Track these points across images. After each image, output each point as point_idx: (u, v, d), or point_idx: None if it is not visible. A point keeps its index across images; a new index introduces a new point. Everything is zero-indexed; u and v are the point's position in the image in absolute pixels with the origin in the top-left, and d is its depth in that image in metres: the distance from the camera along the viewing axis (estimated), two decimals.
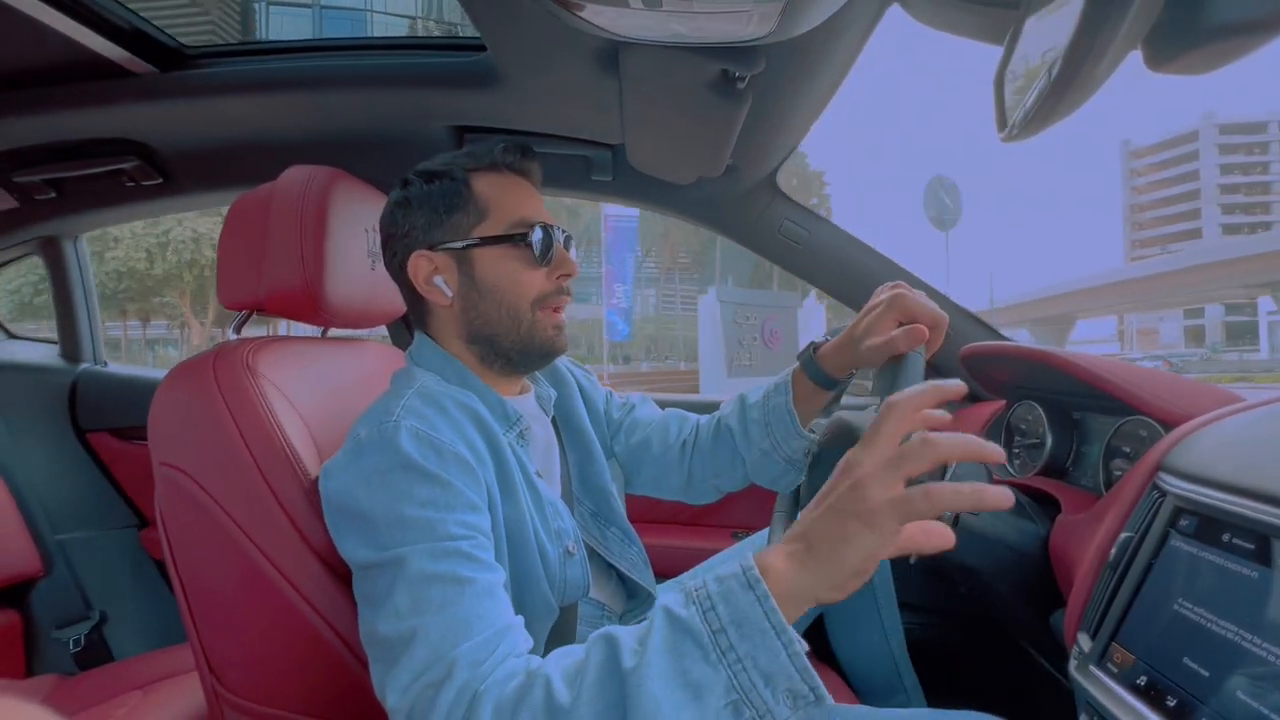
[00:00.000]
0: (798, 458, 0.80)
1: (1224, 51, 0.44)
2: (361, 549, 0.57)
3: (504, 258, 0.70)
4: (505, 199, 0.71)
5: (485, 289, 0.70)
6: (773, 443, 0.80)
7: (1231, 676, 0.45)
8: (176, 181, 1.26)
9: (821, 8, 0.57)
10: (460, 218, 0.70)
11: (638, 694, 0.41)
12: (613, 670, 0.44)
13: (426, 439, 0.59)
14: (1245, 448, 0.57)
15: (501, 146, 0.72)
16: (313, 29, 22.32)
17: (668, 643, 0.43)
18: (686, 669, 0.42)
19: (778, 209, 1.22)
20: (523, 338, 0.71)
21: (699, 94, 0.79)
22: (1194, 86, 24.80)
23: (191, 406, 0.71)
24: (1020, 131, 0.51)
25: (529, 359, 0.73)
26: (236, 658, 0.72)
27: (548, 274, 0.71)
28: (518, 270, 0.70)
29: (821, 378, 0.78)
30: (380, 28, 25.74)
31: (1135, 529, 0.59)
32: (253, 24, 20.14)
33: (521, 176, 0.74)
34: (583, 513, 0.81)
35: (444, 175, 0.71)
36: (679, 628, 0.43)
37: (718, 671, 0.41)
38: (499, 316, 0.70)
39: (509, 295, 0.70)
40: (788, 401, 0.79)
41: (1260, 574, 0.47)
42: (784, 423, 0.79)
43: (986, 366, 1.07)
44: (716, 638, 0.42)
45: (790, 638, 0.42)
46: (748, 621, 0.42)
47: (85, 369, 1.53)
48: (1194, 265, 26.27)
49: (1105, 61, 0.40)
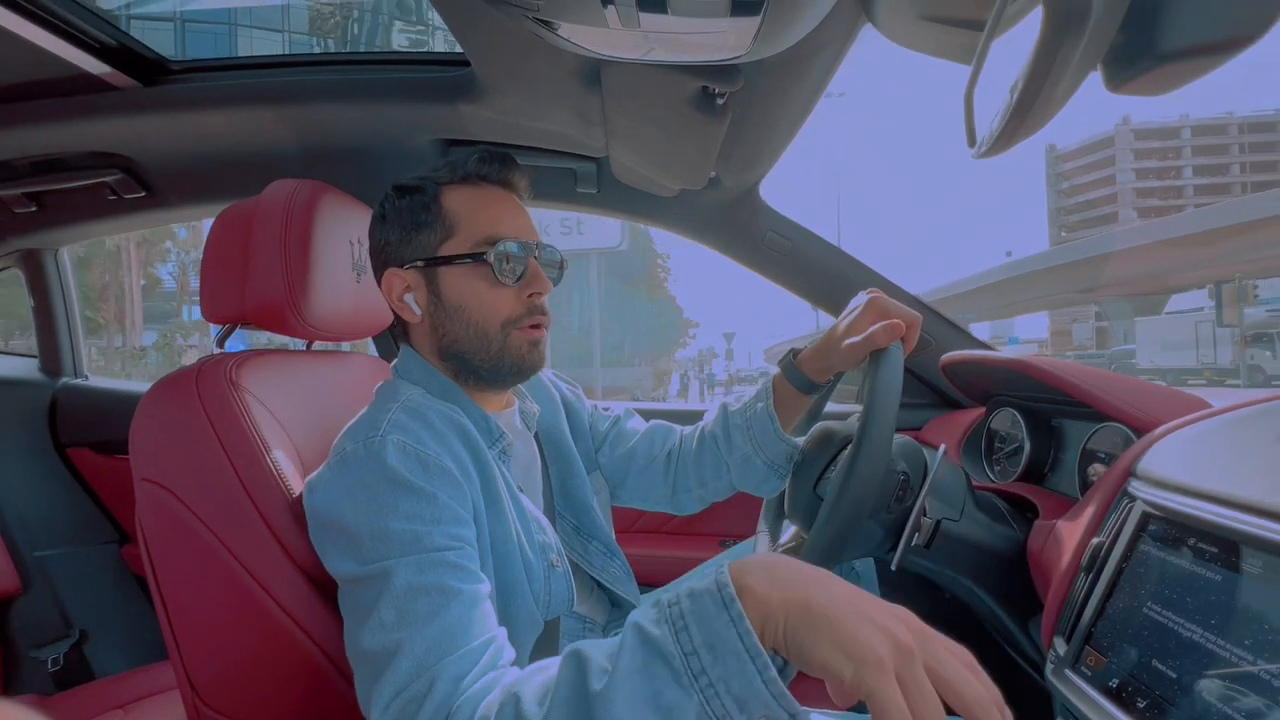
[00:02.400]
0: (779, 462, 0.81)
1: (1179, 73, 0.46)
2: (347, 563, 0.57)
3: (469, 277, 0.68)
4: (475, 214, 0.69)
5: (451, 309, 0.69)
6: (755, 447, 0.80)
7: (1199, 678, 0.47)
8: (160, 195, 1.26)
9: (795, 28, 0.59)
10: (427, 235, 0.69)
11: (605, 718, 0.40)
12: (581, 692, 0.42)
13: (413, 453, 0.59)
14: (1210, 454, 0.58)
15: (477, 157, 0.70)
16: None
17: (638, 663, 0.41)
18: (658, 691, 0.40)
19: (761, 220, 1.24)
20: (493, 357, 0.69)
21: (680, 109, 0.80)
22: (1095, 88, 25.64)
23: (174, 421, 0.70)
24: (989, 149, 0.52)
25: (501, 377, 0.71)
26: (219, 674, 0.72)
27: (517, 293, 0.69)
28: (483, 290, 0.68)
29: (802, 381, 0.79)
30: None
31: (1107, 534, 0.61)
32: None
33: (502, 188, 0.72)
34: (565, 527, 0.81)
35: (415, 190, 0.70)
36: (651, 649, 0.42)
37: (690, 696, 0.40)
38: (468, 336, 0.69)
39: (475, 316, 0.68)
40: (768, 406, 0.80)
41: (1224, 578, 0.48)
42: (765, 427, 0.80)
43: (967, 374, 1.09)
44: (689, 661, 0.40)
45: (765, 662, 0.40)
46: (722, 644, 0.40)
47: (65, 383, 1.51)
48: (1024, 274, 26.89)
49: (1064, 83, 0.42)
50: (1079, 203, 73.02)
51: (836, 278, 1.25)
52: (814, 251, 1.26)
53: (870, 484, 0.64)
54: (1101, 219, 67.13)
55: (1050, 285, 27.42)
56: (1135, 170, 68.33)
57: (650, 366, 23.07)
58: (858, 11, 0.65)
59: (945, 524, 0.77)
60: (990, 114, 0.51)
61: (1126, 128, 68.75)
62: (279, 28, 18.90)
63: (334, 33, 18.77)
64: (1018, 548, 0.81)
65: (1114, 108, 72.89)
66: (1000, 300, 29.91)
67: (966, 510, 0.80)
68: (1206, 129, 68.41)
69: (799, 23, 0.58)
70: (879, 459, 0.64)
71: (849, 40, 0.72)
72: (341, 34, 19.19)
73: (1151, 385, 0.82)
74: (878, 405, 0.65)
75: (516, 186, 0.74)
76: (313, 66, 1.06)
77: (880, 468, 0.64)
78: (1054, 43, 0.38)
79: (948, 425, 1.17)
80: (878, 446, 0.64)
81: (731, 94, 0.77)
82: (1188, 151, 68.01)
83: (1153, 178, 68.25)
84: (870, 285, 0.83)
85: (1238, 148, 67.42)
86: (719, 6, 0.54)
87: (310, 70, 1.05)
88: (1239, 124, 67.51)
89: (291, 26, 19.03)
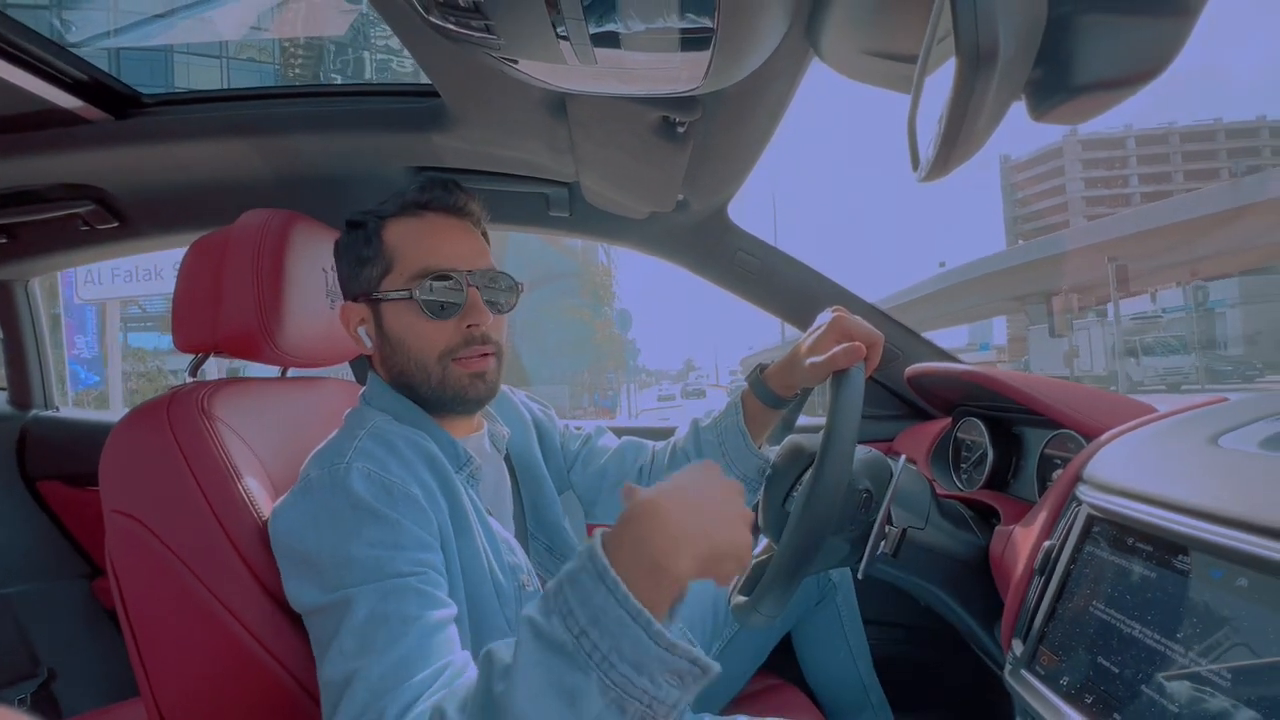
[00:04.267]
0: (750, 475, 0.83)
1: (1095, 103, 0.50)
2: (310, 591, 0.57)
3: (405, 311, 0.69)
4: (412, 247, 0.69)
5: (394, 342, 0.70)
6: (727, 461, 0.83)
7: (1141, 674, 0.49)
8: (133, 225, 1.26)
9: (745, 62, 0.62)
10: (369, 270, 0.70)
11: (513, 712, 0.41)
12: (486, 694, 0.43)
13: (378, 480, 0.60)
14: (1151, 457, 0.61)
15: (418, 185, 0.70)
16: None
17: (534, 657, 0.42)
18: (559, 679, 0.41)
19: (730, 239, 1.27)
20: (435, 389, 0.70)
21: (644, 138, 0.83)
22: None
23: (145, 452, 0.70)
24: (928, 174, 0.56)
25: (448, 406, 0.72)
26: (192, 709, 0.71)
27: (455, 324, 0.69)
28: (418, 323, 0.68)
29: (769, 397, 0.82)
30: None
31: (1057, 537, 0.63)
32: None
33: (447, 214, 0.71)
34: (538, 548, 0.82)
35: (360, 225, 0.71)
36: (543, 641, 0.42)
37: (588, 674, 0.40)
38: (411, 369, 0.70)
39: (414, 349, 0.69)
40: (738, 421, 0.82)
41: (1163, 577, 0.51)
42: (736, 441, 0.82)
43: (931, 385, 1.12)
44: (580, 641, 0.41)
45: (647, 619, 0.41)
46: (604, 615, 0.41)
47: (34, 416, 1.49)
48: (955, 284, 27.63)
49: (984, 115, 0.45)
50: (1032, 212, 75.19)
51: (804, 295, 1.28)
52: (782, 269, 1.29)
53: (831, 504, 0.66)
54: (1053, 227, 69.03)
55: (980, 294, 27.95)
56: (1084, 180, 70.69)
57: (568, 385, 23.43)
58: (805, 46, 0.69)
59: (911, 532, 0.79)
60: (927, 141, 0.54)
61: (1074, 138, 71.19)
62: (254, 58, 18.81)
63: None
64: (981, 553, 0.83)
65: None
66: (934, 310, 30.42)
67: (931, 518, 0.82)
68: (1149, 139, 70.98)
69: (748, 56, 0.61)
70: (838, 480, 0.66)
71: (800, 71, 0.76)
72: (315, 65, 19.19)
73: (1102, 392, 0.85)
74: (837, 428, 0.67)
75: (464, 211, 0.73)
76: (285, 98, 1.07)
77: (840, 489, 0.66)
78: (969, 80, 0.41)
79: (917, 435, 1.20)
80: (837, 468, 0.66)
81: (692, 122, 0.81)
82: (1133, 161, 70.49)
83: (1101, 186, 70.59)
84: (837, 302, 0.85)
85: (1180, 156, 69.92)
86: (670, 42, 0.57)
87: (282, 102, 1.07)
88: (1180, 133, 70.19)
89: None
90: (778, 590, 0.70)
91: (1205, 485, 0.51)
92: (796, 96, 0.84)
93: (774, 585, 0.70)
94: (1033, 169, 75.81)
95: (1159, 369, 21.05)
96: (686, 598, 1.02)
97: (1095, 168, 70.80)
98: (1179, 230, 21.40)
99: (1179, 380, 20.20)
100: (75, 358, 7.78)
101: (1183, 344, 22.41)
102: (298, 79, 18.89)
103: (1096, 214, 66.53)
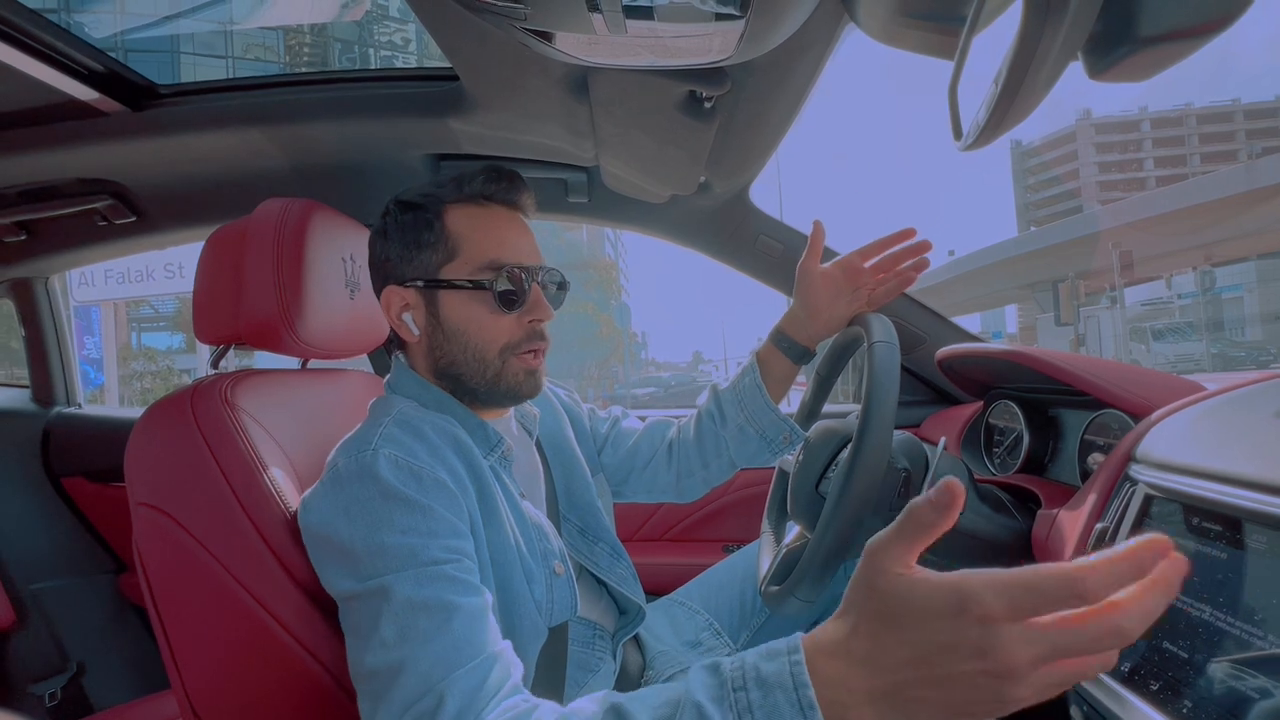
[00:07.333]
0: (770, 433, 0.86)
1: (1158, 58, 0.47)
2: (344, 580, 0.56)
3: (470, 301, 0.67)
4: (479, 236, 0.68)
5: (450, 331, 0.68)
6: (747, 416, 0.86)
7: (1211, 658, 0.47)
8: (150, 219, 1.26)
9: (780, 29, 0.60)
10: (429, 255, 0.68)
11: None
12: None
13: (406, 466, 0.59)
14: (1209, 434, 0.59)
15: (483, 177, 0.69)
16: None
17: None
18: None
19: (752, 223, 1.25)
20: (489, 382, 0.69)
21: (668, 115, 0.81)
22: (1068, 82, 26.10)
23: (169, 444, 0.70)
24: (975, 141, 0.53)
25: (496, 400, 0.71)
26: (223, 700, 0.70)
27: (518, 319, 0.68)
28: (483, 315, 0.67)
29: (793, 349, 0.86)
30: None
31: (1111, 519, 0.61)
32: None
33: (507, 207, 0.71)
34: (570, 530, 0.81)
35: (418, 208, 0.69)
36: None
37: None
38: (465, 359, 0.68)
39: (474, 340, 0.68)
40: (755, 379, 0.86)
41: (1230, 555, 0.49)
42: (755, 398, 0.85)
43: (962, 368, 1.10)
44: None
45: None
46: None
47: (58, 412, 1.50)
48: (967, 272, 27.42)
49: (1045, 71, 0.42)
50: (1045, 198, 74.30)
51: None
52: None
53: (872, 482, 0.64)
54: (1067, 212, 68.35)
55: (991, 282, 27.78)
56: (1098, 164, 69.75)
57: (575, 379, 23.75)
58: (840, 11, 0.66)
59: None
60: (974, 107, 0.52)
61: (1087, 122, 70.26)
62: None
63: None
64: (1022, 538, 0.81)
65: (1073, 103, 74.02)
66: (946, 300, 30.27)
67: (969, 502, 0.80)
68: (1165, 121, 69.81)
69: (784, 23, 0.59)
70: (879, 456, 0.64)
71: (833, 40, 0.73)
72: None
73: (1145, 370, 0.82)
74: (876, 401, 0.65)
75: (522, 206, 0.73)
76: (301, 85, 1.06)
77: (881, 465, 0.64)
78: (1035, 32, 0.38)
79: (946, 421, 1.17)
80: (877, 443, 0.64)
81: (719, 97, 0.78)
82: (1148, 144, 69.45)
83: (1115, 170, 69.61)
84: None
85: (1196, 138, 68.71)
86: (705, 11, 0.55)
87: (299, 89, 1.05)
88: (1197, 115, 68.93)
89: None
90: (815, 571, 0.68)
91: (1273, 460, 0.49)
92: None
93: (812, 567, 0.68)
94: (1045, 154, 74.89)
95: (1170, 355, 20.77)
96: (713, 585, 1.00)
97: (1109, 151, 69.86)
98: (1194, 213, 21.10)
99: (1190, 367, 19.92)
100: (85, 358, 7.93)
101: (1195, 330, 22.14)
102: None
103: (1110, 199, 65.89)
